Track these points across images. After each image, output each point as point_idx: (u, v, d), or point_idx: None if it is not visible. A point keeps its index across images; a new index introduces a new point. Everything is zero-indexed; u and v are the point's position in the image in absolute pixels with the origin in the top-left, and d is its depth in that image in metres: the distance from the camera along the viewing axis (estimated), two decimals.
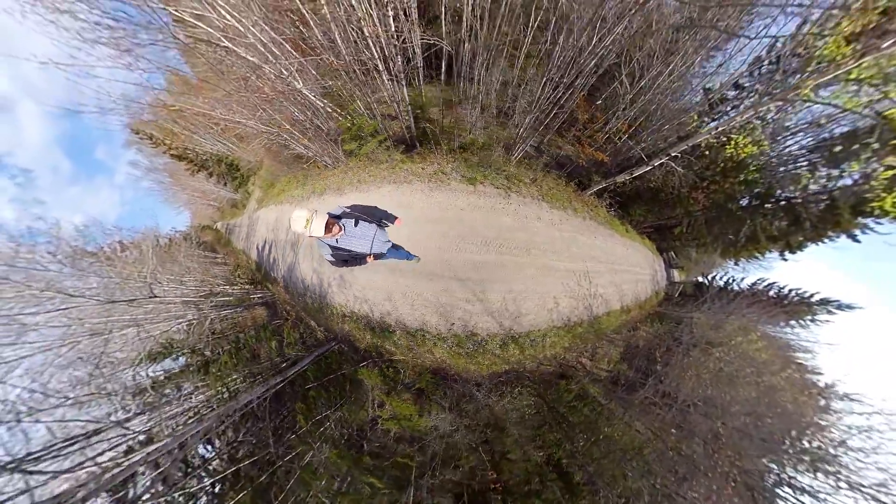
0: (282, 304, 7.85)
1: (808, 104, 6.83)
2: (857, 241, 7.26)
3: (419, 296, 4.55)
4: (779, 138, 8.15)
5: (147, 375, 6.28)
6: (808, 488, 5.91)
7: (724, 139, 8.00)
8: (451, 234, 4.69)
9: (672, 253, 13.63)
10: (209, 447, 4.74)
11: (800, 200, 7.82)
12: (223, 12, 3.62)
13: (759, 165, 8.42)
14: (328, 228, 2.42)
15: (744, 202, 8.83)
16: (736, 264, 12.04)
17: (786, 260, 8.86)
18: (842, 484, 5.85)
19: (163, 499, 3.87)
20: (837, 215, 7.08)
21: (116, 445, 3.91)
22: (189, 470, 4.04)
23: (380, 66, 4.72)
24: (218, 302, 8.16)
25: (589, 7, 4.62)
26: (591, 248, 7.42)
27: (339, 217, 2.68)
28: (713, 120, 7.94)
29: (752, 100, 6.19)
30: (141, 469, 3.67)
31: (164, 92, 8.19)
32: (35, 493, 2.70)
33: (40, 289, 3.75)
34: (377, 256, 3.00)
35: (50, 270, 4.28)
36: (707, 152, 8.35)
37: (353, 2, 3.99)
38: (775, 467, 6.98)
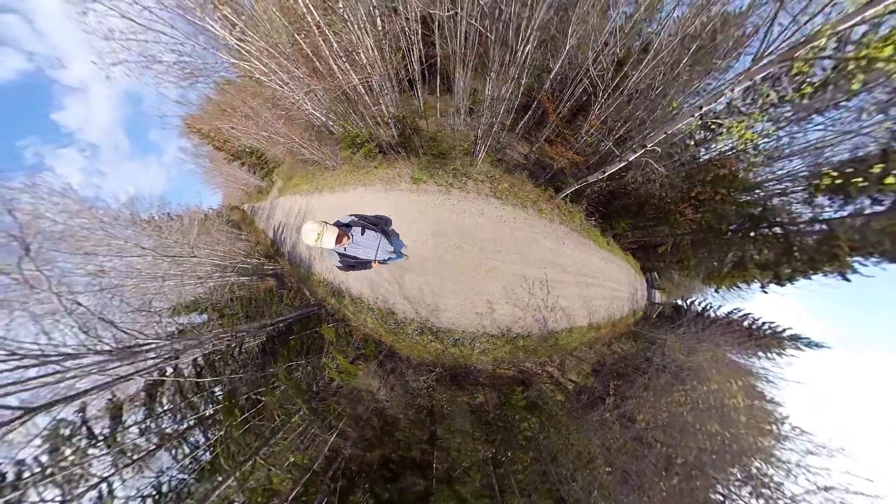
0: (287, 277, 9.51)
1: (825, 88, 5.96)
2: (848, 280, 6.76)
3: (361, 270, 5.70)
4: (773, 162, 7.81)
5: (178, 323, 8.15)
6: None
7: (714, 127, 7.32)
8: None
9: (655, 273, 13.59)
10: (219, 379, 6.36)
11: (794, 229, 7.28)
12: (257, 63, 5.14)
13: (755, 181, 7.96)
14: (339, 240, 2.53)
15: (734, 226, 8.31)
16: (716, 291, 11.65)
17: (766, 292, 8.45)
18: None
19: (181, 405, 5.51)
20: (835, 248, 6.46)
21: (157, 357, 5.60)
22: (200, 390, 5.66)
23: (373, 86, 6.07)
24: (239, 269, 9.99)
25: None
26: (557, 255, 6.86)
27: (348, 226, 2.81)
28: (705, 138, 7.60)
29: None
30: (169, 370, 5.32)
31: (213, 95, 10.13)
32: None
33: (119, 244, 5.48)
34: (381, 262, 3.18)
35: (124, 230, 6.07)
36: (692, 143, 7.75)
37: (350, 33, 5.33)
38: (721, 488, 7.41)
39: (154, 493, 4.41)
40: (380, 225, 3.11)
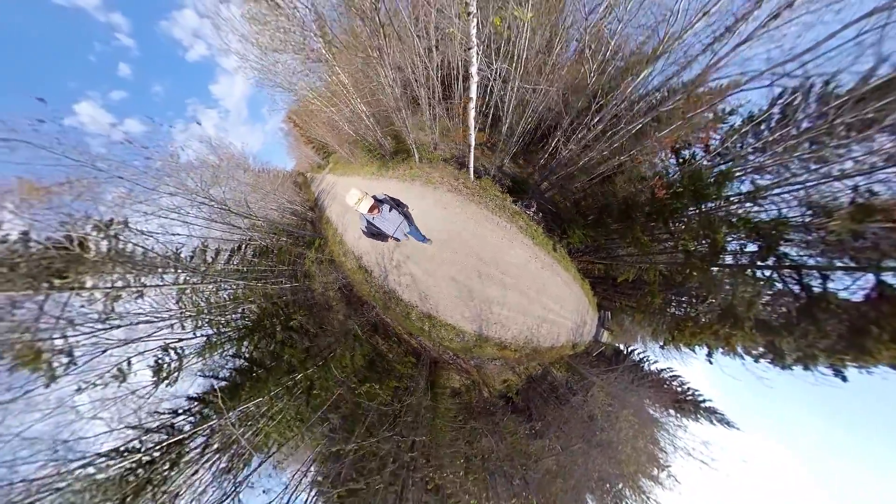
0: (317, 221, 15.07)
1: None
2: (844, 380, 4.65)
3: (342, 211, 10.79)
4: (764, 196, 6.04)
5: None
6: None
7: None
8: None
9: (609, 313, 12.75)
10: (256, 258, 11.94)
11: (821, 278, 4.76)
12: (324, 106, 10.49)
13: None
14: (371, 209, 3.32)
15: (731, 242, 5.96)
16: (662, 347, 9.94)
17: (711, 362, 6.55)
18: None
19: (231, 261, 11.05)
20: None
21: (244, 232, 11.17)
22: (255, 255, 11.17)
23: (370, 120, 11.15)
24: (293, 210, 15.88)
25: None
26: (425, 215, 6.69)
27: (381, 202, 3.50)
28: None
29: None
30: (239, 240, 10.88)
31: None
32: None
33: (239, 178, 11.43)
34: (396, 239, 3.86)
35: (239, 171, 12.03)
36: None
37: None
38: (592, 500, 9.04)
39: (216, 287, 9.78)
40: (403, 209, 3.75)
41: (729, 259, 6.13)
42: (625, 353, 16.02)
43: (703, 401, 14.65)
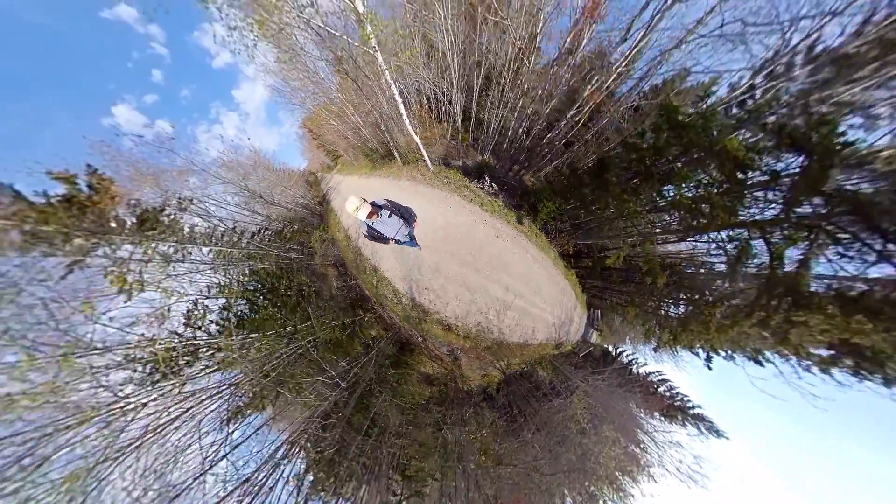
0: (324, 213, 17.55)
1: None
2: None
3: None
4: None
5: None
6: None
7: None
8: (364, 189, 13.02)
9: (598, 312, 11.94)
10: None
11: None
12: (333, 122, 12.98)
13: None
14: (369, 215, 3.54)
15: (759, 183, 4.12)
16: (655, 350, 9.27)
17: (710, 368, 5.77)
18: None
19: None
20: None
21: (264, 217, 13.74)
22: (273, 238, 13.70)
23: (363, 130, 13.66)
24: (303, 204, 18.42)
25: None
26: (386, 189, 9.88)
27: (380, 207, 3.74)
28: None
29: None
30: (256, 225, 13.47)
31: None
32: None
33: (259, 176, 13.94)
34: (396, 241, 4.14)
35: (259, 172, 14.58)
36: None
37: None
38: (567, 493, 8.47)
39: (246, 258, 12.28)
40: (404, 214, 4.06)
41: (755, 210, 4.05)
42: (613, 354, 15.35)
43: (692, 407, 13.83)
